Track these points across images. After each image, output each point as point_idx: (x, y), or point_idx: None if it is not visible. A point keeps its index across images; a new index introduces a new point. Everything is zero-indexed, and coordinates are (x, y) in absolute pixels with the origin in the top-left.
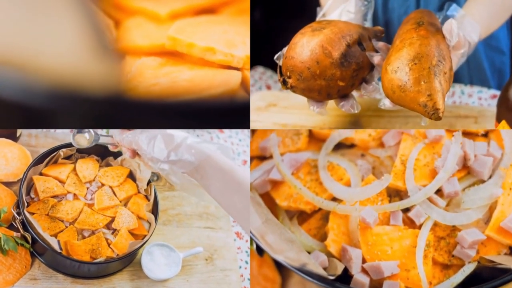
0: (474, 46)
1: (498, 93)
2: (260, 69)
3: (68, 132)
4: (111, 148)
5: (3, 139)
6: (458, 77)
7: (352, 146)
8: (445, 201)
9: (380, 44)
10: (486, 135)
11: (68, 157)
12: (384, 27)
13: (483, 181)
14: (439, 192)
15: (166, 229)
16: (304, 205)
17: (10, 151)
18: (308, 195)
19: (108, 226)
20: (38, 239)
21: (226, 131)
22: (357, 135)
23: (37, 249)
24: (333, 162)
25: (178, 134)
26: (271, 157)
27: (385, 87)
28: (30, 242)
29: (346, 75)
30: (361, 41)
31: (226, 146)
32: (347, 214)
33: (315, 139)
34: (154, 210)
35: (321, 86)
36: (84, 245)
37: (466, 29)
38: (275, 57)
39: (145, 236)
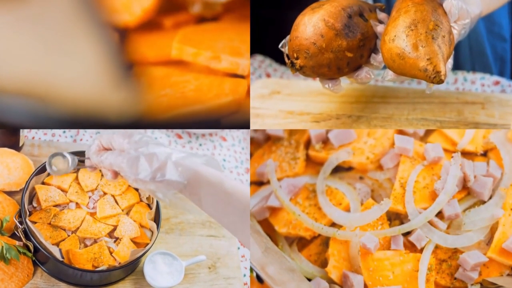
0: (475, 21)
1: (500, 79)
2: (259, 57)
3: (71, 142)
4: (89, 170)
5: (6, 149)
6: (460, 64)
7: (350, 169)
8: (446, 224)
9: (382, 15)
10: (485, 154)
11: None
12: (385, 3)
13: (483, 202)
14: (439, 214)
15: (168, 238)
16: (304, 231)
17: (13, 160)
18: (307, 222)
19: (110, 234)
20: (40, 248)
21: (229, 139)
22: (355, 158)
23: (40, 258)
24: (331, 186)
25: (161, 151)
26: (268, 182)
27: (385, 58)
28: (32, 251)
29: (353, 45)
30: (362, 12)
31: (213, 158)
32: (347, 240)
33: (312, 162)
34: (156, 219)
35: (330, 60)
36: (86, 254)
37: (467, 0)
38: (280, 45)
39: (147, 244)
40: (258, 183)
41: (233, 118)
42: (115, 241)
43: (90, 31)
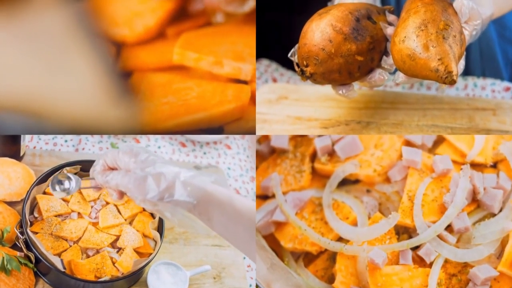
0: (487, 23)
1: (511, 85)
2: (265, 62)
3: (73, 151)
4: (94, 190)
5: (7, 159)
6: (470, 69)
7: (357, 181)
8: (455, 237)
9: (392, 17)
10: (495, 166)
11: None
12: (395, 6)
13: (493, 215)
14: (448, 227)
15: (172, 248)
16: (310, 246)
17: (14, 170)
18: (313, 237)
19: (113, 244)
20: (42, 259)
21: (234, 147)
22: (361, 171)
23: (41, 269)
24: (338, 199)
25: (169, 170)
26: (273, 196)
27: (395, 59)
28: (34, 261)
29: (363, 49)
30: (370, 15)
31: (222, 176)
32: (355, 254)
33: (318, 175)
34: (160, 228)
35: (340, 65)
36: (88, 264)
37: (478, 1)
38: (289, 54)
39: (150, 254)
40: (263, 197)
41: (238, 125)
42: (118, 251)
43: (87, 46)
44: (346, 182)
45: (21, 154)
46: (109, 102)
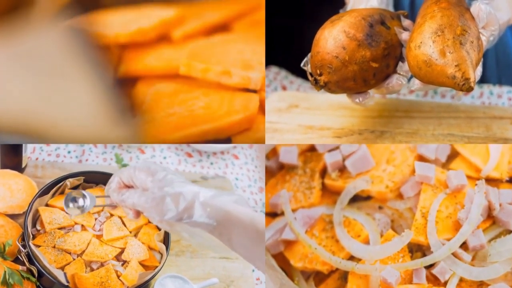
0: (504, 28)
1: None
2: (274, 69)
3: (76, 162)
4: (109, 209)
5: (8, 170)
6: (486, 77)
7: (368, 198)
8: (471, 255)
9: (407, 22)
10: (510, 181)
11: (75, 187)
12: (409, 10)
13: (509, 232)
14: (463, 245)
15: (179, 260)
16: (321, 265)
17: (16, 182)
18: (324, 255)
19: (117, 257)
20: (44, 272)
21: (241, 157)
22: (373, 187)
23: (44, 283)
24: (349, 217)
25: (187, 190)
26: (282, 213)
27: (411, 65)
28: (36, 275)
29: (377, 55)
30: (384, 20)
31: (242, 196)
32: (367, 274)
33: (328, 192)
34: (166, 240)
35: (355, 72)
36: (92, 278)
37: (496, 6)
38: (302, 64)
39: (156, 267)
40: (272, 214)
41: (246, 135)
42: (122, 264)
43: (86, 63)
44: (357, 199)
45: (23, 165)
46: (112, 118)
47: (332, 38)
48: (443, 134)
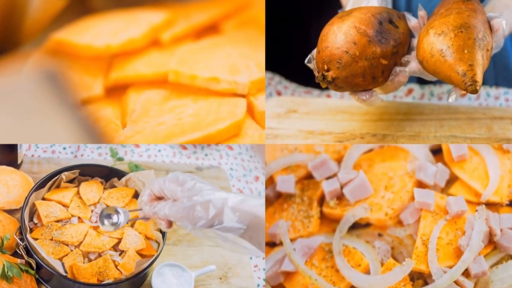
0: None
1: None
2: (268, 75)
3: (72, 157)
4: (143, 221)
5: (4, 167)
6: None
7: (368, 225)
8: (473, 282)
9: (414, 21)
10: (511, 204)
11: (70, 181)
12: (405, 10)
13: (511, 257)
14: (465, 272)
15: (177, 249)
16: None
17: (12, 178)
18: (324, 286)
19: (115, 248)
20: (43, 264)
21: (236, 147)
22: (372, 214)
23: (43, 275)
24: (348, 245)
25: (216, 197)
26: (281, 243)
27: (423, 49)
28: (35, 268)
29: (387, 52)
30: (391, 19)
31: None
32: None
33: (327, 220)
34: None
35: (365, 68)
36: (90, 268)
37: (505, 18)
38: (306, 60)
39: (153, 256)
40: (270, 244)
41: (235, 141)
42: (120, 254)
43: (61, 107)
44: (356, 226)
45: (19, 162)
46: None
47: (343, 33)
48: (445, 136)
